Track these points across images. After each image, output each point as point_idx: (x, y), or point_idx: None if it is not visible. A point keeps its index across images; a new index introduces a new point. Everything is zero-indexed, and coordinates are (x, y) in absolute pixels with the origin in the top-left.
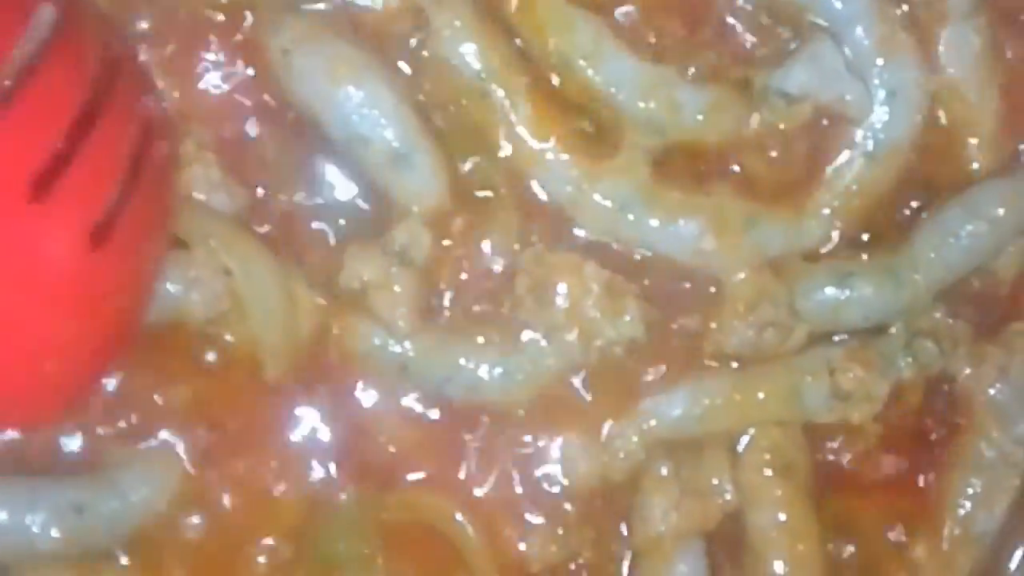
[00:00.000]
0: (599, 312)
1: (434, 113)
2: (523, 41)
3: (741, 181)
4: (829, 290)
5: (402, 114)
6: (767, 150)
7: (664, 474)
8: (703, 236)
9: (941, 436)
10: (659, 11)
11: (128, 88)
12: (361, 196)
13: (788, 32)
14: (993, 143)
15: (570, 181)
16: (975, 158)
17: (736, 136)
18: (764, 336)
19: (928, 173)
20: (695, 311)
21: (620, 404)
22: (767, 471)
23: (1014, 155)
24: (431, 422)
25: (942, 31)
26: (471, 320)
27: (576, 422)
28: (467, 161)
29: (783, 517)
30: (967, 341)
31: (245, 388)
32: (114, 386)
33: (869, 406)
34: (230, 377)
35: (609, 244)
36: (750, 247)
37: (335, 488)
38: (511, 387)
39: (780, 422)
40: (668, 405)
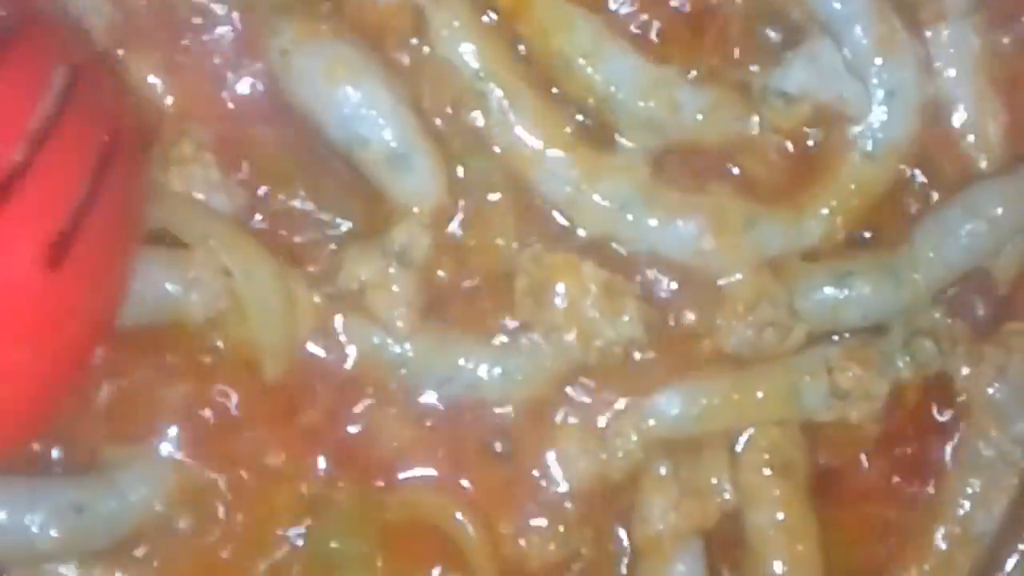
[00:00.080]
0: (598, 312)
1: (433, 113)
2: (522, 41)
3: (740, 181)
4: (828, 290)
5: (400, 114)
6: (766, 150)
7: (663, 474)
8: (702, 236)
9: (939, 435)
10: (658, 11)
11: (91, 95)
12: (360, 197)
13: (787, 32)
14: (992, 142)
15: (569, 181)
16: (974, 157)
17: (735, 136)
18: (763, 336)
19: (927, 172)
20: (694, 311)
21: (619, 404)
22: (766, 470)
23: (1013, 154)
24: (430, 421)
25: (941, 30)
26: (470, 320)
27: (575, 421)
28: (466, 161)
29: (782, 516)
30: (966, 340)
31: (244, 388)
32: (114, 386)
33: (868, 405)
34: (229, 377)
35: (608, 244)
36: (749, 247)
37: (335, 487)
38: (510, 387)
39: (779, 421)
40: (667, 405)
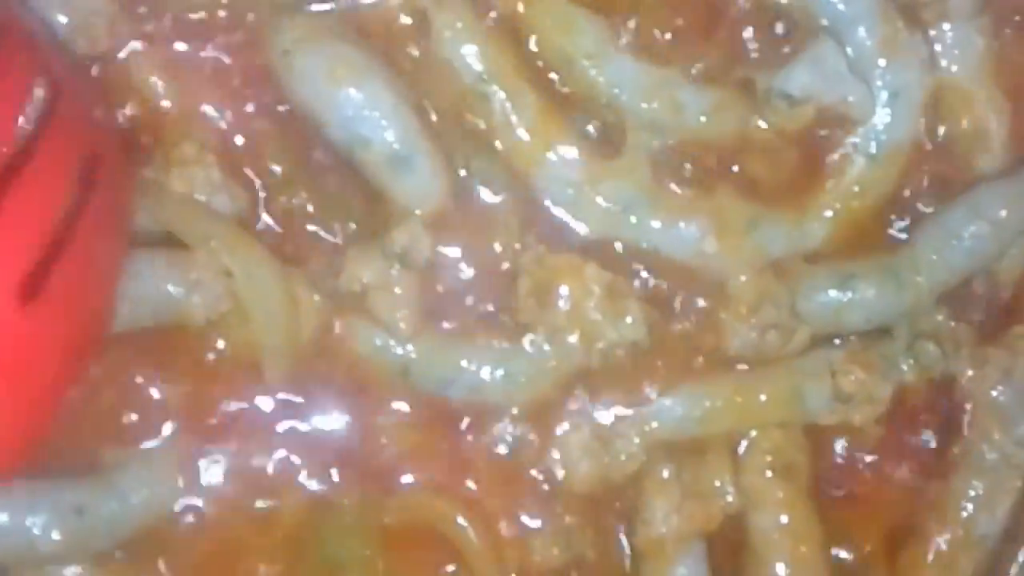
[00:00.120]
0: (600, 314)
1: (435, 115)
2: (525, 42)
3: (743, 183)
4: (831, 292)
5: (402, 115)
6: (769, 152)
7: (665, 476)
8: (705, 238)
9: (943, 438)
10: (662, 12)
11: (72, 112)
12: (361, 198)
13: (791, 33)
14: (996, 144)
15: (571, 182)
16: (978, 159)
17: (738, 138)
18: (766, 338)
19: (930, 174)
20: (697, 313)
21: (621, 406)
22: (768, 473)
23: (1017, 156)
24: (433, 424)
25: (945, 32)
26: (473, 322)
27: (578, 424)
28: (468, 163)
29: (785, 519)
30: (969, 343)
31: (246, 390)
32: (115, 387)
33: (871, 408)
34: (231, 379)
35: (611, 246)
36: (752, 249)
37: (336, 490)
38: (513, 389)
39: (781, 424)
40: (669, 407)
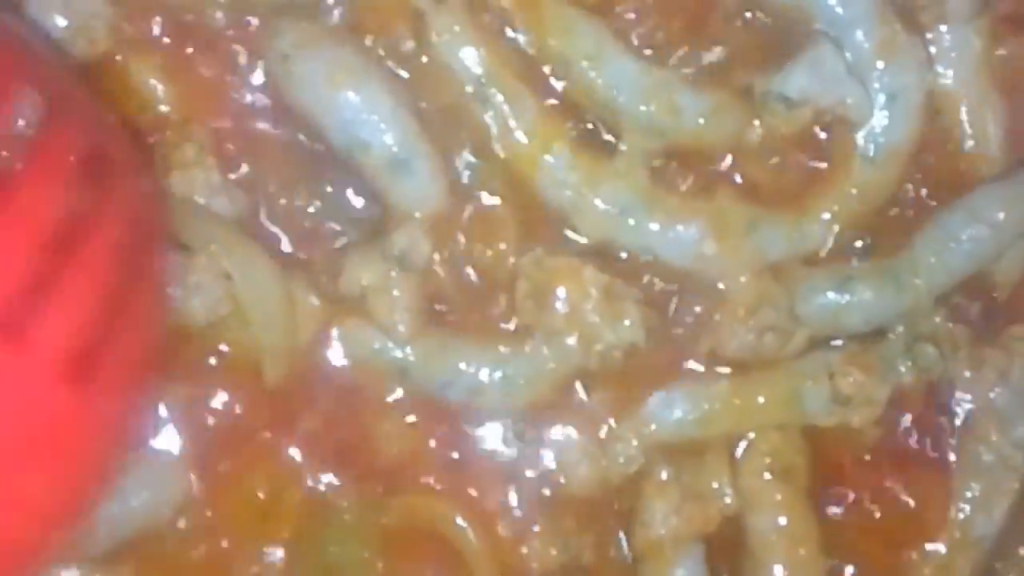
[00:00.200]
0: (599, 316)
1: (433, 118)
2: (523, 44)
3: (741, 185)
4: (830, 294)
5: (401, 119)
6: (768, 154)
7: (664, 478)
8: (703, 240)
9: (940, 440)
10: (661, 15)
11: (116, 189)
12: (361, 201)
13: (789, 36)
14: (993, 146)
15: (570, 185)
16: (976, 161)
17: (737, 140)
18: (764, 340)
19: (928, 177)
20: (695, 315)
21: (620, 408)
22: (767, 475)
23: (1014, 159)
24: (432, 426)
25: (942, 34)
26: (471, 325)
27: (576, 426)
28: (466, 166)
29: (783, 521)
30: (967, 345)
31: (245, 392)
32: None
33: (869, 410)
34: (230, 381)
35: (609, 248)
36: (750, 251)
37: (336, 492)
38: (511, 391)
39: (780, 426)
40: (668, 409)
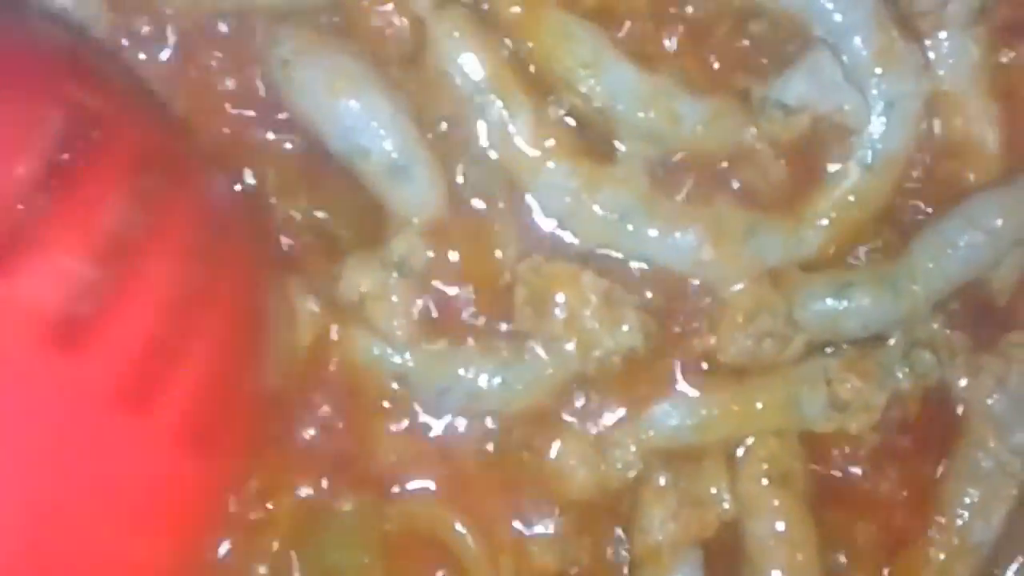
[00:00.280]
0: (597, 322)
1: (433, 124)
2: (522, 51)
3: (740, 191)
4: (828, 300)
5: (400, 125)
6: (766, 161)
7: (662, 484)
8: (702, 246)
9: (938, 446)
10: (659, 23)
11: (236, 254)
12: (360, 207)
13: (787, 43)
14: (991, 153)
15: (569, 191)
16: (973, 168)
17: (735, 147)
18: (762, 346)
19: (926, 183)
20: (693, 321)
21: (618, 414)
22: (764, 480)
23: (1012, 165)
24: (430, 431)
25: (940, 41)
26: (470, 330)
27: (575, 432)
28: (465, 172)
29: (781, 526)
30: (964, 351)
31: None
32: None
33: (867, 416)
34: None
35: (607, 254)
36: (749, 257)
37: (335, 497)
38: (510, 397)
39: (777, 432)
40: (666, 415)
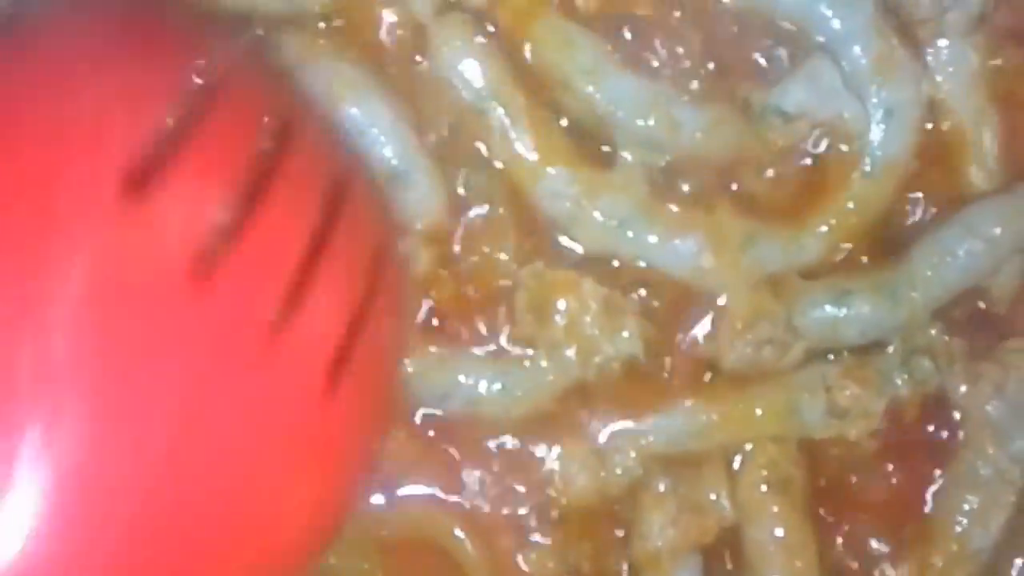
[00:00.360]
0: (598, 329)
1: (433, 130)
2: (523, 58)
3: (740, 198)
4: (827, 307)
5: (400, 132)
6: (765, 168)
7: (662, 490)
8: (702, 253)
9: (937, 453)
10: (658, 30)
11: (358, 208)
12: None
13: (786, 50)
14: (991, 161)
15: (569, 197)
16: (972, 176)
17: (735, 154)
18: (762, 353)
19: (925, 191)
20: (693, 328)
21: (618, 420)
22: (764, 487)
23: (1012, 173)
24: (430, 437)
25: (940, 48)
26: (470, 336)
27: (574, 437)
28: (466, 178)
29: (780, 533)
30: (963, 358)
31: None
32: None
33: (865, 423)
34: None
35: (608, 261)
36: (748, 264)
37: None
38: (510, 403)
39: (777, 438)
40: (666, 421)
